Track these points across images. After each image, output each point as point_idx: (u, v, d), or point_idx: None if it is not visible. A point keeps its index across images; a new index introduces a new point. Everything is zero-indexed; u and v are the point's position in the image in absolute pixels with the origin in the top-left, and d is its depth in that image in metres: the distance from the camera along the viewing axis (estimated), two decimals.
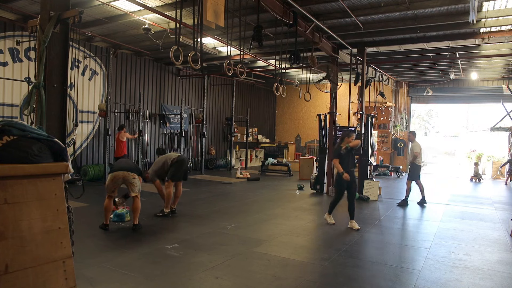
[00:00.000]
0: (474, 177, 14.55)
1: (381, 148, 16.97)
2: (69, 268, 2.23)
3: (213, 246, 5.09)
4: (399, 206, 8.60)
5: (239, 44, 6.78)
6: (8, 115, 8.88)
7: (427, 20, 8.13)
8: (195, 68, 5.32)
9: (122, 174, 5.80)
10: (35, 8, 8.03)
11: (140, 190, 5.96)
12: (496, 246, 5.52)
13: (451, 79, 13.55)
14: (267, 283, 3.90)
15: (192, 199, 8.66)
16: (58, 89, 3.25)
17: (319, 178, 10.31)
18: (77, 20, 3.16)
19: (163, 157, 6.92)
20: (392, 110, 16.82)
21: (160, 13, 7.43)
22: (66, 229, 2.27)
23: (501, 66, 12.74)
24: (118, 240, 5.37)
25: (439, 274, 4.35)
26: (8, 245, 1.99)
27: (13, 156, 2.16)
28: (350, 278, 4.15)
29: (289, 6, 7.12)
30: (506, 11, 7.53)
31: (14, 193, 2.07)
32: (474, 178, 14.53)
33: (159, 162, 6.82)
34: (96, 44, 10.95)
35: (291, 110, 19.29)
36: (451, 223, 7.09)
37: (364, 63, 10.43)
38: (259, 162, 17.29)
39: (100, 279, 3.85)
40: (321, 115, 10.53)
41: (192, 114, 14.59)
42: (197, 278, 3.98)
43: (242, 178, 12.69)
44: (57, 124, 3.23)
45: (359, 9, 7.81)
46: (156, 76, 13.25)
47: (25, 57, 9.28)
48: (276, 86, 7.52)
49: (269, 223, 6.63)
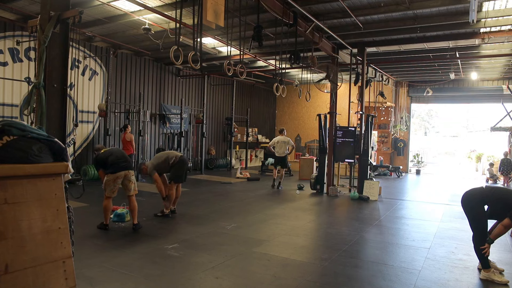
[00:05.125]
0: (490, 179, 14.39)
1: (381, 148, 16.97)
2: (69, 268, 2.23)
3: (213, 246, 5.09)
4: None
5: (239, 44, 6.77)
6: (8, 115, 8.88)
7: (427, 20, 8.13)
8: (195, 68, 5.32)
9: (124, 173, 5.78)
10: (35, 8, 8.03)
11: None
12: (496, 246, 5.51)
13: (451, 79, 13.55)
14: (267, 283, 3.90)
15: (192, 199, 8.66)
16: (58, 89, 3.25)
17: (319, 178, 10.30)
18: (77, 20, 3.16)
19: (165, 153, 6.90)
20: (392, 110, 16.82)
21: (160, 13, 7.43)
22: (66, 229, 2.27)
23: (501, 66, 12.74)
24: (118, 240, 5.37)
25: (439, 274, 4.35)
26: (8, 245, 1.99)
27: (13, 156, 2.16)
28: (350, 278, 4.15)
29: (289, 6, 7.12)
30: (506, 11, 7.53)
31: (14, 193, 2.07)
32: (491, 179, 14.38)
33: (161, 157, 6.79)
34: (96, 44, 10.94)
35: (291, 110, 19.29)
36: (451, 223, 7.09)
37: (364, 63, 10.43)
38: (259, 162, 17.29)
39: (100, 279, 3.85)
40: (321, 115, 10.53)
41: (192, 114, 14.59)
42: (197, 278, 3.98)
43: (242, 178, 12.69)
44: (57, 124, 3.23)
45: (359, 9, 7.81)
46: (156, 76, 13.25)
47: (25, 57, 9.28)
48: (276, 86, 7.52)
49: (269, 223, 6.63)
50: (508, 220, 4.05)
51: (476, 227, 4.34)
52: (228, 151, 15.97)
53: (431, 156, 28.78)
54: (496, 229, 4.22)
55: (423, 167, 19.56)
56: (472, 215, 4.37)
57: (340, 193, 10.16)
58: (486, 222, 4.36)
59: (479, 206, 4.31)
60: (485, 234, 4.27)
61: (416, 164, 18.72)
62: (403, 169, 16.47)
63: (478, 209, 4.31)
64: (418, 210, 8.44)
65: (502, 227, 4.13)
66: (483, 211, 4.32)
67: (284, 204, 8.49)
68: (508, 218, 4.06)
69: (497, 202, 4.25)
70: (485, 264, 4.24)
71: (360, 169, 10.00)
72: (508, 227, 4.15)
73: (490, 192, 4.35)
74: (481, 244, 4.19)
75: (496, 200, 4.27)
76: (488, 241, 4.19)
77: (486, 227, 4.34)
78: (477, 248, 4.25)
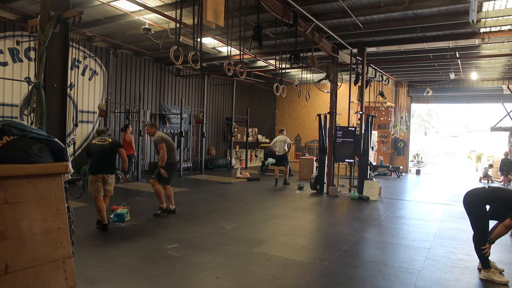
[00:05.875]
0: (484, 178, 14.49)
1: (381, 148, 16.97)
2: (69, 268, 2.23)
3: (213, 246, 5.09)
4: None
5: (239, 44, 6.77)
6: (8, 115, 8.88)
7: (427, 20, 8.13)
8: (195, 68, 5.33)
9: (102, 176, 5.89)
10: (35, 8, 8.03)
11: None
12: (496, 246, 5.50)
13: (451, 79, 13.54)
14: (267, 283, 3.90)
15: (192, 199, 8.67)
16: (58, 89, 3.25)
17: (319, 178, 10.30)
18: (77, 20, 3.16)
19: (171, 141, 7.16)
20: (392, 110, 16.82)
21: (160, 13, 7.43)
22: (66, 229, 2.27)
23: (501, 66, 12.74)
24: (118, 240, 5.37)
25: (439, 274, 4.35)
26: (8, 245, 1.99)
27: (13, 156, 2.16)
28: (350, 278, 4.15)
29: (289, 6, 7.11)
30: (506, 11, 7.53)
31: (14, 193, 2.07)
32: (484, 179, 14.48)
33: (171, 143, 7.11)
34: (96, 44, 10.94)
35: (291, 110, 19.29)
36: (451, 223, 7.09)
37: (364, 63, 10.43)
38: (259, 162, 17.29)
39: (100, 279, 3.85)
40: (321, 115, 10.53)
41: (192, 114, 14.59)
42: (197, 278, 3.98)
43: (242, 178, 12.69)
44: (57, 124, 3.23)
45: (359, 9, 7.81)
46: (156, 76, 13.25)
47: (25, 57, 9.28)
48: (276, 86, 7.52)
49: (269, 223, 6.63)
50: (510, 220, 4.05)
51: (477, 227, 4.34)
52: (228, 151, 15.97)
53: (431, 156, 28.78)
54: (497, 229, 4.22)
55: (423, 167, 19.56)
56: (473, 215, 4.37)
57: (340, 193, 10.16)
58: (487, 222, 4.36)
59: (480, 206, 4.31)
60: (486, 234, 4.27)
61: (416, 164, 18.73)
62: (403, 169, 16.47)
63: (480, 209, 4.31)
64: (418, 210, 8.44)
65: (504, 228, 4.13)
66: (484, 211, 4.32)
67: (284, 204, 8.49)
68: (510, 219, 4.06)
69: (499, 202, 4.25)
70: (485, 264, 4.24)
71: (360, 169, 10.00)
72: (509, 228, 4.15)
73: (492, 192, 4.35)
74: (482, 244, 4.19)
75: (497, 200, 4.27)
76: (489, 241, 4.19)
77: (487, 227, 4.34)
78: (478, 248, 4.25)
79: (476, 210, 4.34)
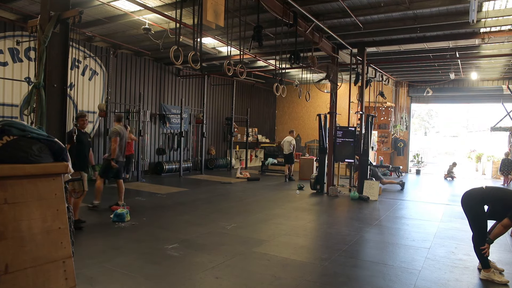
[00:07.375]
0: (447, 175, 14.98)
1: (381, 148, 16.97)
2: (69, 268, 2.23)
3: (213, 246, 5.09)
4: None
5: (239, 44, 6.77)
6: (8, 115, 8.88)
7: (427, 20, 8.13)
8: (195, 68, 5.33)
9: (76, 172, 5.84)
10: (35, 8, 8.03)
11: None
12: (496, 246, 5.51)
13: (451, 79, 13.54)
14: (267, 283, 3.90)
15: (192, 199, 8.67)
16: (58, 89, 3.25)
17: (319, 178, 10.30)
18: (77, 20, 3.17)
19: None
20: (392, 110, 16.82)
21: (160, 13, 7.43)
22: (66, 229, 2.27)
23: (501, 66, 12.73)
24: (118, 240, 5.37)
25: (439, 274, 4.35)
26: (8, 245, 1.99)
27: (13, 156, 2.16)
28: (350, 278, 4.15)
29: (289, 6, 7.11)
30: (506, 11, 7.52)
31: (14, 193, 2.07)
32: (448, 176, 14.96)
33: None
34: (96, 44, 10.94)
35: (291, 110, 19.29)
36: (451, 223, 7.09)
37: (364, 63, 10.43)
38: (259, 162, 17.28)
39: (100, 279, 3.85)
40: (321, 115, 10.53)
41: (192, 114, 14.59)
42: (197, 278, 3.98)
43: (242, 178, 12.69)
44: (57, 124, 3.23)
45: (359, 9, 7.81)
46: (156, 76, 13.25)
47: (25, 57, 9.28)
48: (276, 86, 7.53)
49: (269, 223, 6.63)
50: (508, 220, 4.06)
51: (476, 227, 4.34)
52: (228, 151, 15.97)
53: (431, 156, 28.78)
54: (496, 229, 4.22)
55: (423, 167, 19.56)
56: (471, 215, 4.37)
57: (340, 193, 10.16)
58: (486, 222, 4.36)
59: (479, 206, 4.31)
60: (484, 234, 4.27)
61: (416, 164, 18.73)
62: (403, 169, 16.47)
63: (478, 209, 4.32)
64: (418, 210, 8.44)
65: (502, 227, 4.14)
66: (483, 211, 4.32)
67: (284, 204, 8.49)
68: (508, 218, 4.06)
69: (497, 202, 4.26)
70: (485, 264, 4.24)
71: (360, 169, 10.00)
72: (507, 227, 4.15)
73: (490, 192, 4.35)
74: (481, 244, 4.20)
75: (496, 200, 4.27)
76: (488, 241, 4.19)
77: (485, 227, 4.34)
78: (477, 248, 4.25)
79: (474, 210, 4.34)
